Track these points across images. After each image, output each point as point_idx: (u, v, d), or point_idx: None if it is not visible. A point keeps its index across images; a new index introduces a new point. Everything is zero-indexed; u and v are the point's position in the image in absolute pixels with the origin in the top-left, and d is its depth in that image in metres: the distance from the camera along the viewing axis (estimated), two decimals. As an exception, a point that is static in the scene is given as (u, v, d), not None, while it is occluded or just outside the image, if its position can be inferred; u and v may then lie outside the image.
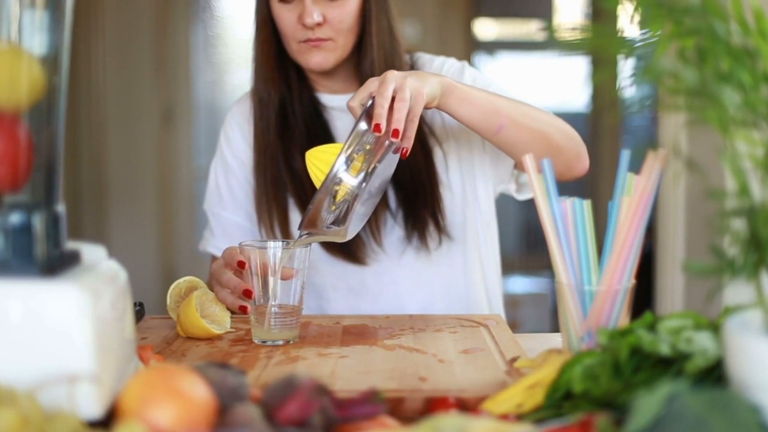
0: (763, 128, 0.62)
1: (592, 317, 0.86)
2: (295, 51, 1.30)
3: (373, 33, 1.30)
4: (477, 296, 1.39)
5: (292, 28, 1.28)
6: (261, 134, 1.36)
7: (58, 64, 0.69)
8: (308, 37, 1.27)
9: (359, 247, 1.33)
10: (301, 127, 1.35)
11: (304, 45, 1.28)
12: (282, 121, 1.35)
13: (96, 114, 3.77)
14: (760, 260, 0.61)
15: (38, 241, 0.65)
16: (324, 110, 1.38)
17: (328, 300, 1.36)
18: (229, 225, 1.42)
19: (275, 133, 1.35)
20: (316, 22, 1.25)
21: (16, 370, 0.62)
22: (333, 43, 1.28)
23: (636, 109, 0.70)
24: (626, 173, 0.87)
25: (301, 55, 1.30)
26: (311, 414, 0.64)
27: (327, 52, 1.28)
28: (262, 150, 1.36)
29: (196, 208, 3.93)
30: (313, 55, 1.28)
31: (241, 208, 1.42)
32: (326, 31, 1.27)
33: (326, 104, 1.38)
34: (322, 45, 1.28)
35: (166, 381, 0.62)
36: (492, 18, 4.45)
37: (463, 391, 0.83)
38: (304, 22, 1.25)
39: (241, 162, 1.42)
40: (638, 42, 0.70)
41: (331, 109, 1.38)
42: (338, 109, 1.38)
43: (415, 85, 1.07)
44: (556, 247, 0.89)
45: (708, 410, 0.57)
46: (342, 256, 1.33)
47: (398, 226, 1.34)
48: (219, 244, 1.41)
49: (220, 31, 3.98)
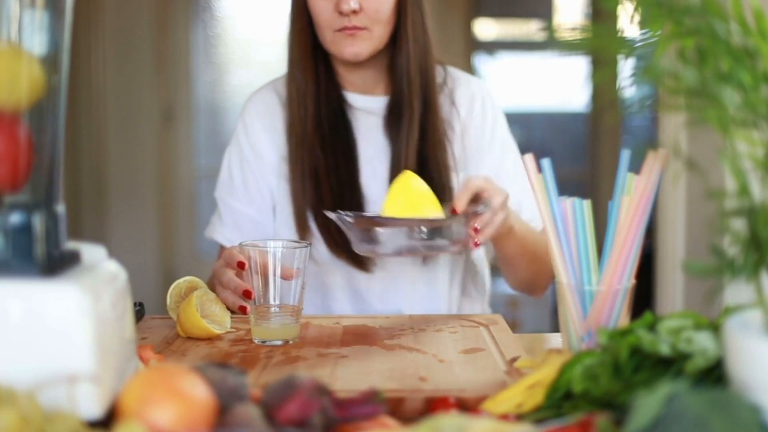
0: (763, 128, 0.62)
1: (592, 317, 0.86)
2: (329, 41, 1.30)
3: (408, 26, 1.31)
4: (473, 302, 1.41)
5: (328, 16, 1.27)
6: (298, 123, 1.34)
7: (58, 64, 0.69)
8: (344, 25, 1.26)
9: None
10: (324, 124, 1.35)
11: (340, 34, 1.28)
12: (318, 111, 1.35)
13: (96, 114, 3.77)
14: (760, 260, 0.61)
15: (38, 241, 0.65)
16: (349, 109, 1.37)
17: (336, 300, 1.36)
18: (239, 216, 1.41)
19: (313, 123, 1.34)
20: (353, 9, 1.24)
21: (16, 370, 0.62)
22: (368, 32, 1.28)
23: (636, 109, 0.70)
24: (626, 173, 0.87)
25: (336, 45, 1.29)
26: (311, 414, 0.64)
27: (362, 41, 1.28)
28: (299, 140, 1.34)
29: (196, 208, 3.93)
30: (348, 44, 1.28)
31: (253, 200, 1.40)
32: (362, 20, 1.27)
33: (352, 103, 1.37)
34: (357, 34, 1.27)
35: (166, 381, 0.62)
36: (492, 18, 4.45)
37: (463, 391, 0.83)
38: (341, 9, 1.25)
39: (259, 155, 1.40)
40: (638, 42, 0.70)
41: (355, 110, 1.38)
42: (363, 110, 1.37)
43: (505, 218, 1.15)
44: (556, 247, 0.89)
45: (708, 410, 0.57)
46: (348, 260, 1.33)
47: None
48: (226, 233, 1.40)
49: (220, 31, 3.98)
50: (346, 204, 1.32)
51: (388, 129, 1.36)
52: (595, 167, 4.25)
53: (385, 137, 1.36)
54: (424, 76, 1.34)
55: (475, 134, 1.40)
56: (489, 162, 1.39)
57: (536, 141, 4.41)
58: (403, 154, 1.32)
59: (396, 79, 1.34)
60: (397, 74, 1.33)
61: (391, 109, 1.36)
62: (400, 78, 1.33)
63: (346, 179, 1.34)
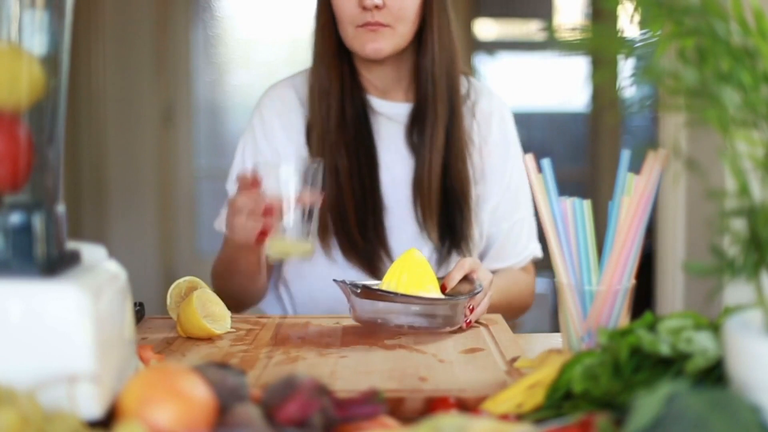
0: (763, 128, 0.62)
1: (592, 317, 0.86)
2: (351, 37, 1.29)
3: (434, 29, 1.31)
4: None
5: (351, 11, 1.27)
6: (321, 121, 1.34)
7: (58, 64, 0.69)
8: (366, 21, 1.26)
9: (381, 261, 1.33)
10: (348, 125, 1.34)
11: (362, 29, 1.27)
12: (341, 111, 1.34)
13: (96, 114, 3.77)
14: (760, 260, 0.61)
15: (38, 241, 0.65)
16: (371, 113, 1.37)
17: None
18: None
19: (336, 122, 1.33)
20: (376, 3, 1.24)
21: (16, 370, 0.62)
22: (391, 30, 1.27)
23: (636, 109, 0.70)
24: (626, 173, 0.87)
25: (357, 41, 1.29)
26: (311, 414, 0.64)
27: (384, 38, 1.27)
28: (321, 138, 1.34)
29: (196, 208, 3.93)
30: (370, 40, 1.27)
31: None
32: (385, 16, 1.26)
33: (375, 108, 1.37)
34: (380, 30, 1.27)
35: (166, 381, 0.62)
36: (492, 18, 4.45)
37: (463, 391, 0.83)
38: (364, 4, 1.25)
39: (274, 149, 1.39)
40: (638, 42, 0.70)
41: (378, 114, 1.37)
42: (385, 116, 1.37)
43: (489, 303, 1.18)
44: (556, 248, 0.89)
45: (708, 410, 0.57)
46: (358, 263, 1.33)
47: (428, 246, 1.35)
48: None
49: (220, 31, 3.98)
50: (369, 208, 1.32)
51: (410, 137, 1.36)
52: (595, 167, 4.25)
53: (406, 145, 1.36)
54: (449, 82, 1.34)
55: (492, 150, 1.41)
56: (502, 180, 1.41)
57: (536, 141, 4.40)
58: (428, 160, 1.33)
59: (420, 83, 1.34)
60: (422, 78, 1.33)
61: (415, 117, 1.36)
62: (425, 81, 1.33)
63: (367, 184, 1.34)
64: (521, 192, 1.43)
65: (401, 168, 1.36)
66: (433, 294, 1.08)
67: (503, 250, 1.42)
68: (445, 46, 1.32)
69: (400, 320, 1.05)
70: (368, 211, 1.32)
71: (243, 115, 3.92)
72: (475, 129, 1.40)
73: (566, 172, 4.15)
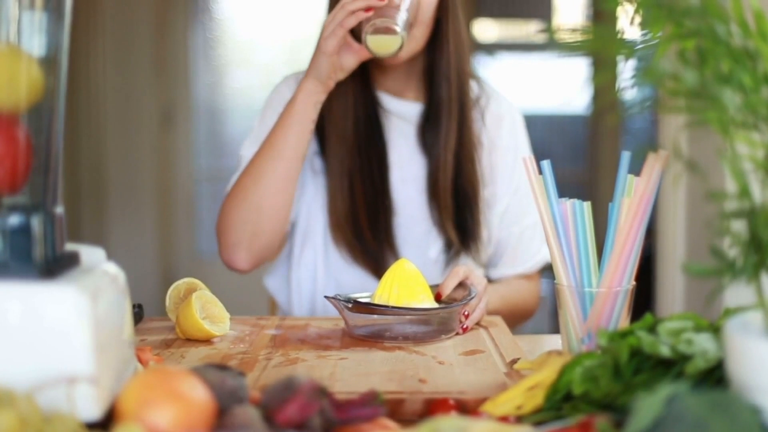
0: (764, 130, 0.62)
1: (592, 319, 0.86)
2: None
3: (449, 32, 1.32)
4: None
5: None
6: (340, 120, 1.34)
7: (58, 65, 0.69)
8: None
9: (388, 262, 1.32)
10: (361, 124, 1.35)
11: None
12: (354, 110, 1.34)
13: (96, 114, 3.77)
14: (760, 262, 0.61)
15: (37, 243, 0.65)
16: (382, 112, 1.37)
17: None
18: None
19: (352, 121, 1.34)
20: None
21: (15, 372, 0.62)
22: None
23: (636, 110, 0.70)
24: (626, 175, 0.87)
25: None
26: (310, 416, 0.63)
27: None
28: (340, 138, 1.34)
29: (195, 210, 3.93)
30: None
31: None
32: None
33: (386, 106, 1.37)
34: None
35: (165, 383, 0.62)
36: (492, 19, 4.45)
37: (463, 392, 0.83)
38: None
39: None
40: (638, 43, 0.70)
41: (388, 113, 1.37)
42: (396, 114, 1.37)
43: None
44: (556, 249, 0.89)
45: (708, 412, 0.57)
46: (363, 263, 1.33)
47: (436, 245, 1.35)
48: None
49: (219, 32, 3.98)
50: (379, 208, 1.33)
51: (422, 137, 1.37)
52: (595, 169, 4.25)
53: (417, 144, 1.37)
54: (461, 84, 1.35)
55: (502, 154, 1.41)
56: (510, 184, 1.41)
57: (536, 142, 4.38)
58: (442, 159, 1.33)
59: (434, 85, 1.34)
60: (437, 79, 1.34)
61: (427, 116, 1.36)
62: (439, 83, 1.34)
63: (378, 184, 1.34)
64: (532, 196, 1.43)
65: (412, 167, 1.36)
66: (426, 304, 1.08)
67: (517, 254, 1.43)
68: (457, 47, 1.33)
69: (395, 332, 1.05)
70: (378, 211, 1.32)
71: (242, 117, 3.93)
72: (484, 131, 1.40)
73: (566, 174, 4.15)
